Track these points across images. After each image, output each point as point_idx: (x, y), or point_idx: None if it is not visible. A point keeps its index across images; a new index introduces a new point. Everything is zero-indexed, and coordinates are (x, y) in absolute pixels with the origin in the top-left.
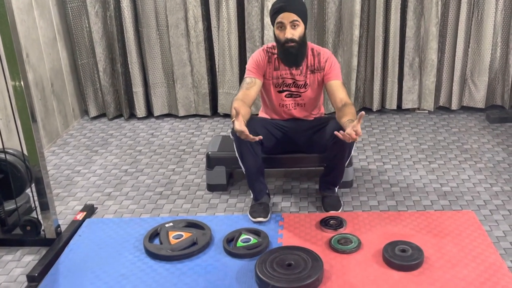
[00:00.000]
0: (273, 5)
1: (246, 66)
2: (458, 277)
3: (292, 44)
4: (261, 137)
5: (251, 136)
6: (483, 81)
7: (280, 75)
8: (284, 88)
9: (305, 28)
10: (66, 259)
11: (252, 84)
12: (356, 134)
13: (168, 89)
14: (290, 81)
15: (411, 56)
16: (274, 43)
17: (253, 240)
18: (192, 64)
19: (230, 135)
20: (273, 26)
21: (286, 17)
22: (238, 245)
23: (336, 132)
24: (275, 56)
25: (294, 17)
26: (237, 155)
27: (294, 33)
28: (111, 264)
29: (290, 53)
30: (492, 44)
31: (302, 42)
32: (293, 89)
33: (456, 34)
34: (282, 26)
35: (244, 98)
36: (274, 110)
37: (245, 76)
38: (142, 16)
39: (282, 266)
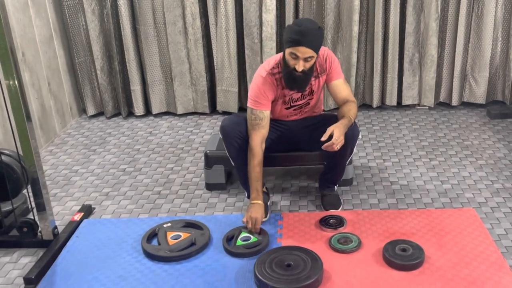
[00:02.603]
0: (291, 32)
1: (251, 96)
2: (459, 276)
3: (301, 74)
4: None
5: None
6: (483, 77)
7: (288, 93)
8: (292, 104)
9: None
10: (63, 261)
11: (265, 118)
12: (335, 144)
13: (166, 87)
14: (298, 96)
15: (411, 52)
16: (274, 63)
17: (253, 238)
18: (190, 61)
19: (219, 133)
20: (284, 47)
21: (302, 52)
22: (238, 243)
23: (323, 147)
24: (281, 75)
25: (310, 53)
26: (227, 153)
27: (306, 65)
28: (109, 266)
29: (296, 81)
30: (493, 39)
31: (310, 71)
32: (300, 102)
33: (456, 29)
34: (295, 57)
35: (261, 140)
36: (277, 116)
37: (253, 107)
38: (139, 14)
39: (282, 267)
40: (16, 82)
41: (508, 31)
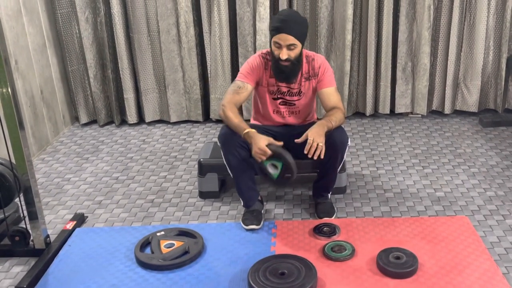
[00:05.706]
0: (272, 20)
1: (240, 69)
2: (452, 283)
3: (287, 63)
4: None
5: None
6: (475, 85)
7: (276, 83)
8: (279, 96)
9: (303, 46)
10: (55, 270)
11: (244, 90)
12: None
13: (160, 95)
14: (285, 89)
15: (404, 61)
16: (268, 50)
17: (279, 164)
18: (184, 69)
19: (217, 141)
20: (270, 39)
21: (283, 39)
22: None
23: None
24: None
25: (291, 40)
26: (224, 162)
27: (290, 53)
28: (101, 275)
29: (283, 71)
30: (485, 48)
31: (297, 62)
32: (287, 97)
33: (449, 38)
34: (279, 46)
35: (234, 103)
36: (268, 117)
37: (237, 79)
38: (133, 22)
39: (275, 275)
40: (9, 89)
41: (500, 40)
